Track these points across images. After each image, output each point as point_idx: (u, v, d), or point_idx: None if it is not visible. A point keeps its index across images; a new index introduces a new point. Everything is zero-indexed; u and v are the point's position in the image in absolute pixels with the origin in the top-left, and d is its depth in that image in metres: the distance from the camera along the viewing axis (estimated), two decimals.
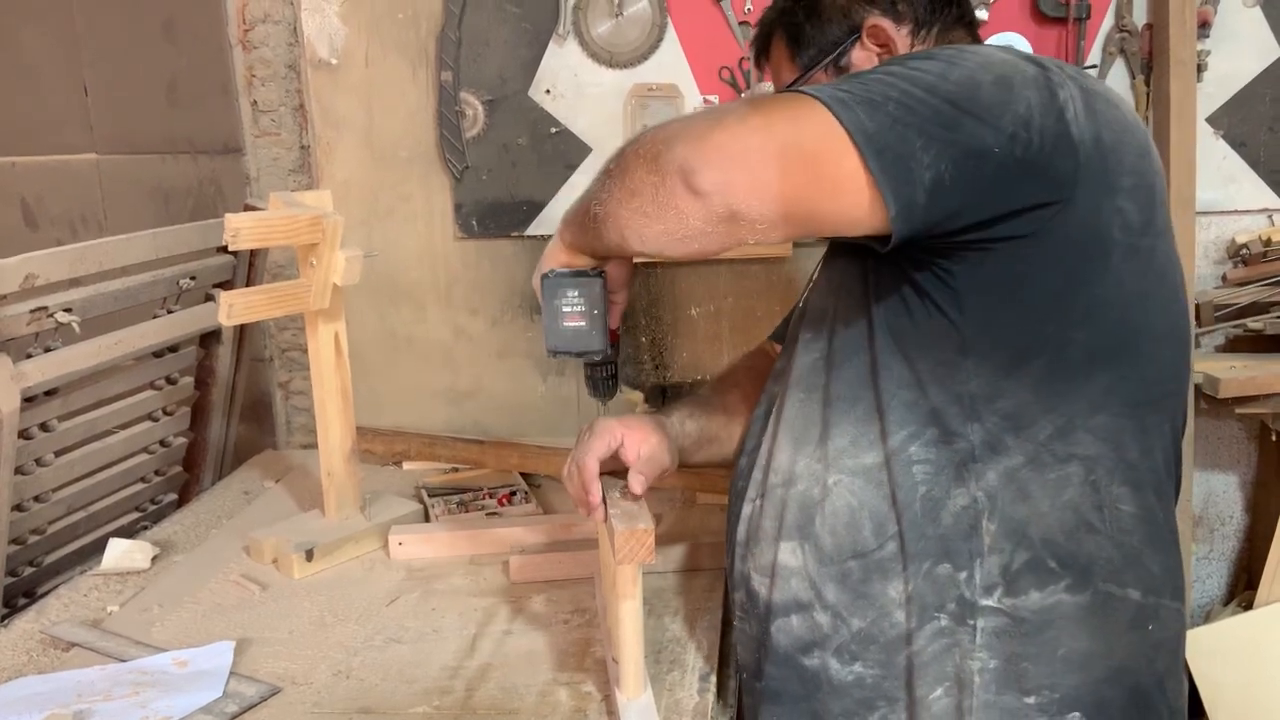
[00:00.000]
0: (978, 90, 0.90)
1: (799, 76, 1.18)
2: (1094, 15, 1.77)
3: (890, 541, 1.02)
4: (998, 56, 0.95)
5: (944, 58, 0.93)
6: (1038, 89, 0.92)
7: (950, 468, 1.00)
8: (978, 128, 0.89)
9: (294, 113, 2.00)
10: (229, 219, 1.32)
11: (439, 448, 1.88)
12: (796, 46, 1.19)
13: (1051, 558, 0.99)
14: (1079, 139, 0.92)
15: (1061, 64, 0.98)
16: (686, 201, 0.91)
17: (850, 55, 1.16)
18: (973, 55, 0.94)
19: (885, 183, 0.87)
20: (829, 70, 1.16)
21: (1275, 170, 1.83)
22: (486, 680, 1.18)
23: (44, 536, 1.59)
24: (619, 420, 1.21)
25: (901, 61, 0.96)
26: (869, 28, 1.14)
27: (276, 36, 1.98)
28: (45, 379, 1.44)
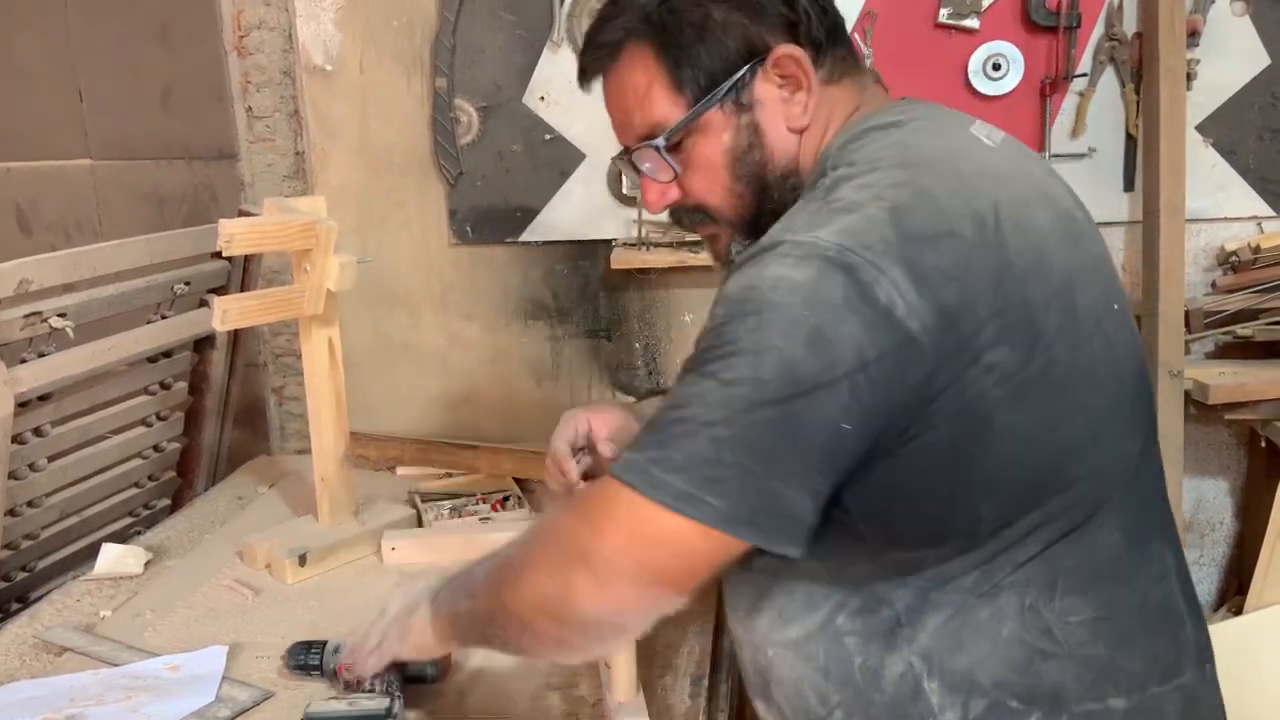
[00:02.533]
0: (796, 368, 0.80)
1: (686, 117, 0.97)
2: (1084, 24, 1.78)
3: (837, 710, 0.96)
4: (796, 303, 0.81)
5: (743, 344, 0.82)
6: (854, 313, 0.80)
7: (879, 636, 0.94)
8: (814, 405, 0.80)
9: (289, 119, 2.01)
10: (223, 224, 1.33)
11: (433, 453, 1.88)
12: (675, 67, 0.97)
13: (1011, 697, 0.91)
14: (919, 330, 0.81)
15: (866, 237, 0.83)
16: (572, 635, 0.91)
17: (752, 88, 0.97)
18: (772, 318, 0.82)
19: (775, 542, 0.83)
20: (725, 107, 0.97)
21: (1264, 178, 1.84)
22: (479, 685, 1.19)
23: (37, 541, 1.59)
24: (583, 408, 1.24)
25: (701, 370, 0.84)
26: (778, 57, 0.96)
27: (271, 43, 1.98)
28: (39, 384, 1.44)
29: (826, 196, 0.88)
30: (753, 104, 0.97)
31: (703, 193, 1.01)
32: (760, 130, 0.98)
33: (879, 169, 0.89)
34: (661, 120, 0.98)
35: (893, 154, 0.91)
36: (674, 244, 1.86)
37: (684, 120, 0.97)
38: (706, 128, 0.97)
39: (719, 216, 1.02)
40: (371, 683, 1.11)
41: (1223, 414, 1.80)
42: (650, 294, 1.98)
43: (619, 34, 0.99)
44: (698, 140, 0.98)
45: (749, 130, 0.98)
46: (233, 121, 2.02)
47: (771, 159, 0.99)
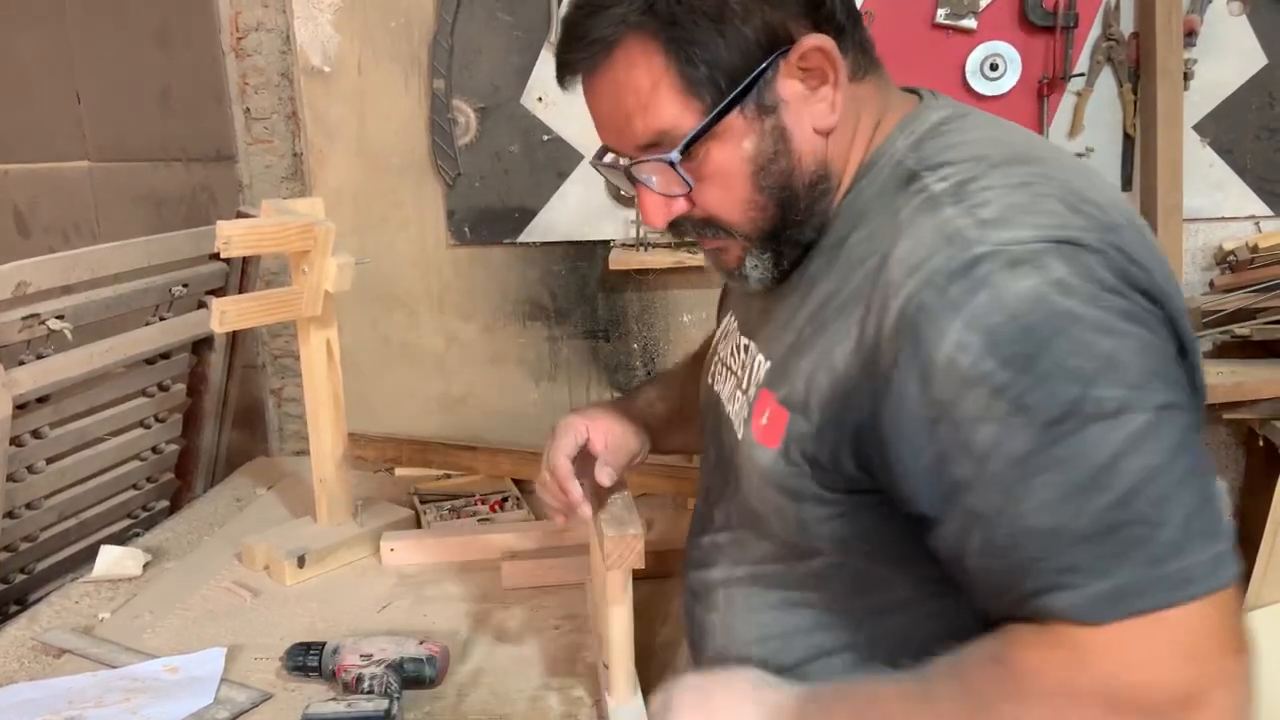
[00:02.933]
0: (1148, 353, 0.71)
1: (706, 122, 0.83)
2: (1081, 24, 1.79)
3: None
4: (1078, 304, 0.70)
5: (1080, 366, 0.69)
6: (1129, 286, 0.73)
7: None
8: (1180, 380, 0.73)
9: (287, 120, 2.01)
10: (221, 226, 1.33)
11: (431, 454, 1.88)
12: (688, 65, 0.82)
13: None
14: (1160, 297, 0.76)
15: (1067, 224, 0.74)
16: None
17: (775, 85, 0.84)
18: (1078, 329, 0.69)
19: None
20: (746, 110, 0.84)
21: (1262, 177, 1.85)
22: (477, 685, 1.19)
23: (36, 543, 1.59)
24: (580, 414, 1.16)
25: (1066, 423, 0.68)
26: (805, 49, 0.83)
27: (269, 44, 1.98)
28: (37, 386, 1.44)
29: (959, 201, 0.77)
30: (777, 104, 0.85)
31: (717, 206, 0.89)
32: (786, 134, 0.86)
33: (997, 165, 0.80)
34: (671, 127, 0.85)
35: (997, 150, 0.83)
36: (672, 245, 1.86)
37: (701, 128, 0.84)
38: (725, 134, 0.85)
39: (734, 230, 0.90)
40: (370, 684, 1.11)
41: (1221, 413, 1.80)
42: (648, 295, 1.98)
43: (615, 28, 0.84)
44: (713, 148, 0.85)
45: (774, 135, 0.85)
46: (231, 123, 2.02)
47: (799, 165, 0.87)
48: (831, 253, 0.89)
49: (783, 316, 0.93)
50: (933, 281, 0.74)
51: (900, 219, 0.81)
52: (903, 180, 0.84)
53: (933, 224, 0.77)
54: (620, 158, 0.92)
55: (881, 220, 0.84)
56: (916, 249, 0.77)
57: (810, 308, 0.88)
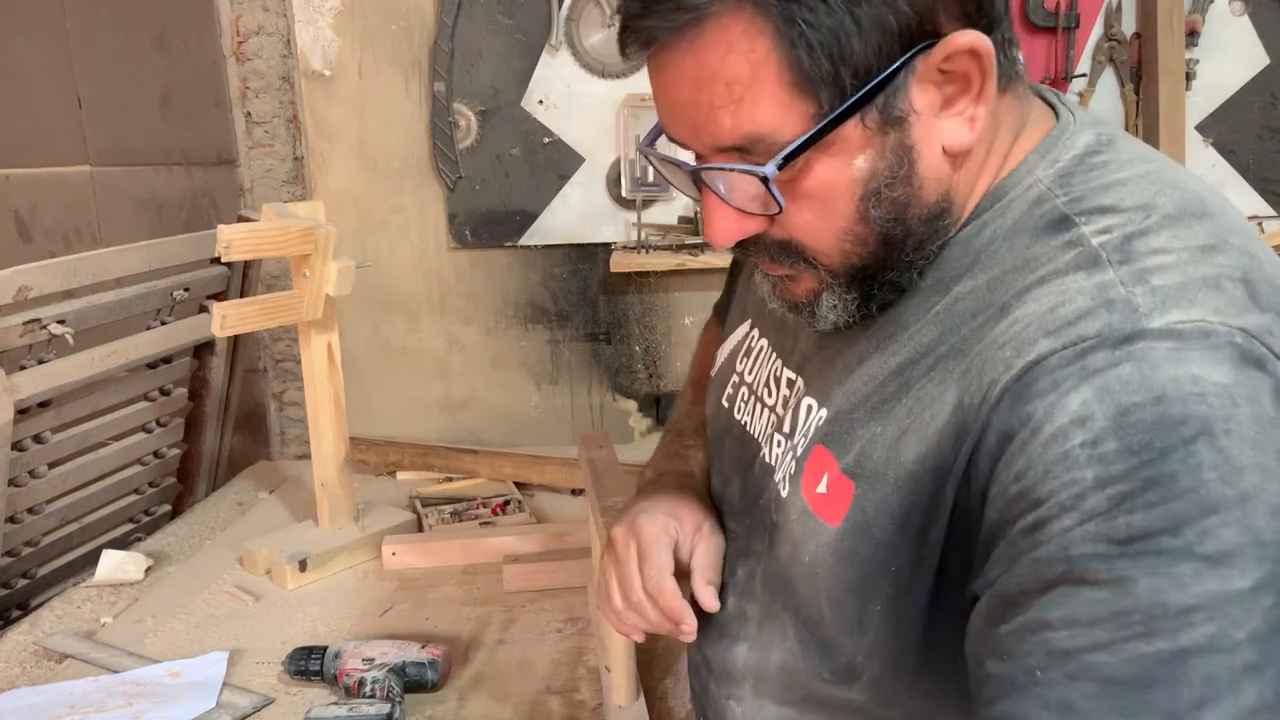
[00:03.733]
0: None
1: (819, 128, 0.65)
2: (1083, 24, 1.78)
3: None
4: (1244, 417, 0.57)
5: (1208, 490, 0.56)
6: None
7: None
8: None
9: (287, 124, 2.01)
10: (222, 230, 1.33)
11: (433, 457, 1.88)
12: (807, 55, 0.63)
13: None
14: None
15: (1248, 318, 0.61)
16: None
17: (909, 92, 0.66)
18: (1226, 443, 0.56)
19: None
20: (868, 118, 0.65)
21: (1264, 177, 1.84)
22: (479, 689, 1.18)
23: (37, 548, 1.59)
24: (662, 511, 0.92)
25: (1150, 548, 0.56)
26: (957, 49, 0.65)
27: (270, 48, 1.98)
28: (39, 391, 1.45)
29: (1127, 262, 0.63)
30: (906, 115, 0.66)
31: (807, 232, 0.70)
32: (912, 154, 0.67)
33: (1170, 219, 0.66)
34: (768, 132, 0.65)
35: (1166, 198, 0.68)
36: (673, 247, 1.86)
37: (810, 136, 0.65)
38: (835, 147, 0.66)
39: (819, 262, 0.72)
40: (372, 688, 1.11)
41: None
42: (650, 297, 1.98)
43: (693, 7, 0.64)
44: (817, 163, 0.67)
45: (896, 153, 0.67)
46: (231, 127, 2.02)
47: (919, 195, 0.69)
48: (931, 296, 0.72)
49: (851, 360, 0.77)
50: (1073, 344, 0.60)
51: (1040, 272, 0.66)
52: (1048, 225, 0.68)
53: (1091, 284, 0.63)
54: (683, 151, 0.73)
55: (1009, 266, 0.68)
56: (1062, 309, 0.63)
57: (896, 360, 0.72)
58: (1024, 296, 0.65)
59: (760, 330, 0.94)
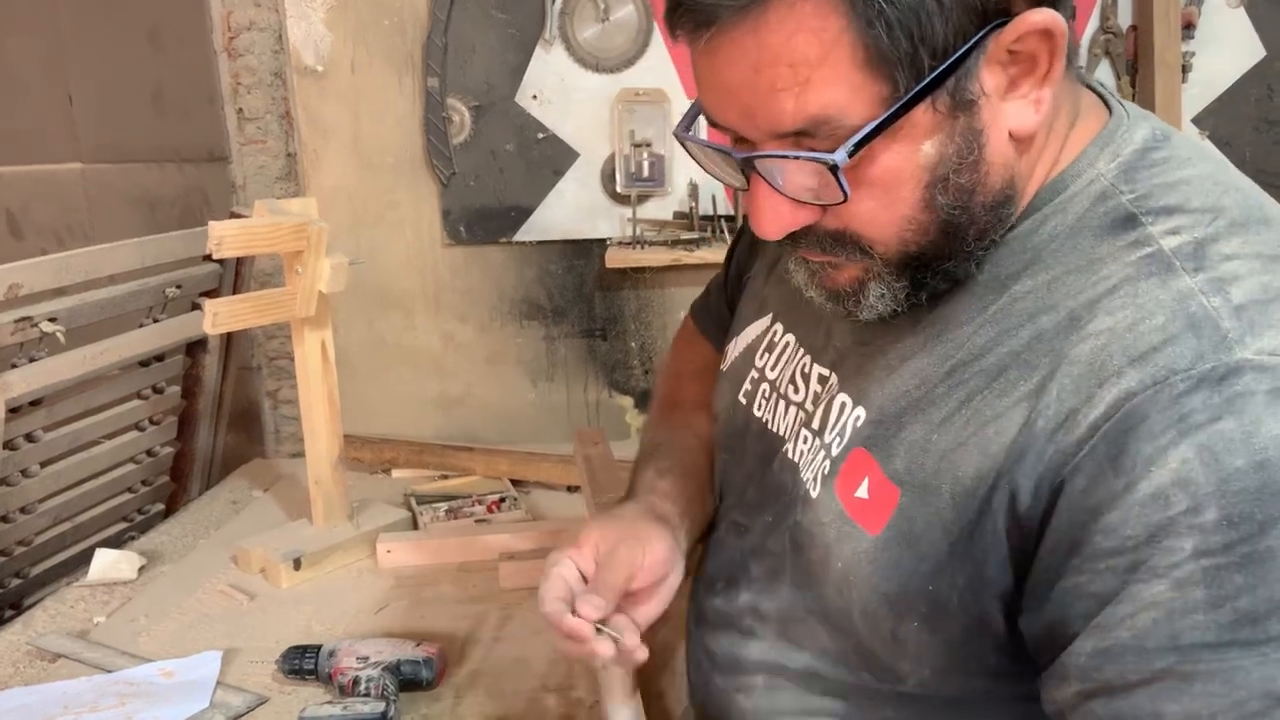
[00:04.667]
0: None
1: (892, 111, 0.62)
2: (1079, 17, 1.78)
3: None
4: None
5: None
6: None
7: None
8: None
9: (280, 120, 2.00)
10: (213, 227, 1.32)
11: (428, 455, 1.87)
12: (884, 34, 0.59)
13: None
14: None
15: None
16: None
17: (979, 74, 0.63)
18: None
19: None
20: (940, 104, 0.63)
21: (1261, 170, 1.84)
22: (475, 687, 1.18)
23: (30, 548, 1.58)
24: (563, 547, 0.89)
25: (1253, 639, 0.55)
26: (1029, 29, 0.62)
27: (262, 44, 1.97)
28: (30, 389, 1.44)
29: (1201, 270, 0.62)
30: (976, 98, 0.63)
31: (866, 222, 0.67)
32: (982, 139, 0.65)
33: (1240, 225, 0.64)
34: (835, 115, 0.62)
35: (1233, 201, 0.66)
36: (668, 242, 1.86)
37: (885, 119, 0.62)
38: (905, 131, 0.63)
39: (875, 251, 0.69)
40: (367, 686, 1.10)
41: None
42: (645, 293, 1.98)
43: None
44: (883, 149, 0.64)
45: (965, 137, 0.64)
46: (223, 123, 2.01)
47: (985, 181, 0.66)
48: (985, 294, 0.69)
49: (894, 358, 0.73)
50: (1168, 384, 0.58)
51: (1107, 273, 0.64)
52: (1114, 223, 0.66)
53: (1169, 296, 0.61)
54: (731, 137, 0.69)
55: (1072, 267, 0.66)
56: (1141, 326, 0.61)
57: (949, 361, 0.70)
58: (1095, 308, 0.63)
59: (785, 325, 0.90)
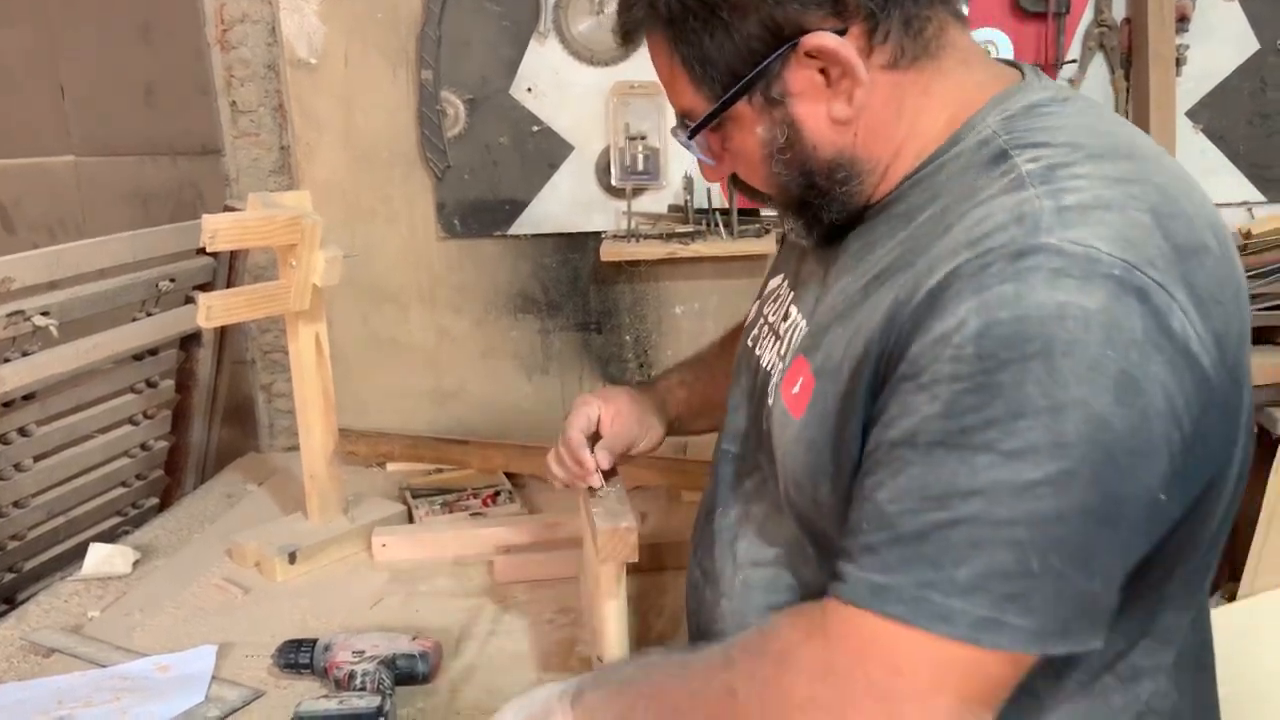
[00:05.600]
0: (1107, 428, 0.66)
1: (710, 113, 0.86)
2: (1073, 10, 1.78)
3: None
4: (1095, 341, 0.66)
5: (1030, 400, 0.66)
6: (1157, 350, 0.67)
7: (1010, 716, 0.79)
8: (1132, 477, 0.67)
9: (273, 113, 1.99)
10: (206, 220, 1.31)
11: (423, 449, 1.87)
12: (691, 62, 0.85)
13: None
14: (1210, 366, 0.70)
15: (1146, 250, 0.69)
16: None
17: (784, 78, 0.82)
18: (1065, 363, 0.65)
19: (1082, 645, 0.69)
20: (754, 100, 0.84)
21: (1255, 164, 1.84)
22: (471, 681, 1.18)
23: (24, 542, 1.58)
24: (596, 393, 1.23)
25: (968, 443, 0.67)
26: (810, 48, 0.80)
27: (255, 36, 1.96)
28: (23, 383, 1.43)
29: (1045, 183, 0.73)
30: (785, 96, 0.83)
31: (745, 177, 0.93)
32: (796, 124, 0.84)
33: (1095, 156, 0.75)
34: (690, 109, 0.88)
35: (1097, 141, 0.78)
36: (663, 236, 1.85)
37: (707, 117, 0.86)
38: (738, 120, 0.86)
39: (768, 197, 0.94)
40: (362, 680, 1.10)
41: None
42: (640, 286, 1.97)
43: (635, 19, 0.87)
44: (732, 130, 0.88)
45: (783, 124, 0.85)
46: (216, 117, 2.00)
47: (814, 154, 0.86)
48: (898, 223, 0.85)
49: (833, 282, 0.90)
50: (981, 255, 0.71)
51: (980, 197, 0.77)
52: (990, 159, 0.79)
53: (1011, 202, 0.73)
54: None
55: (959, 196, 0.79)
56: (984, 223, 0.73)
57: (865, 276, 0.85)
58: (964, 217, 0.76)
59: (786, 278, 1.06)
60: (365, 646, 1.16)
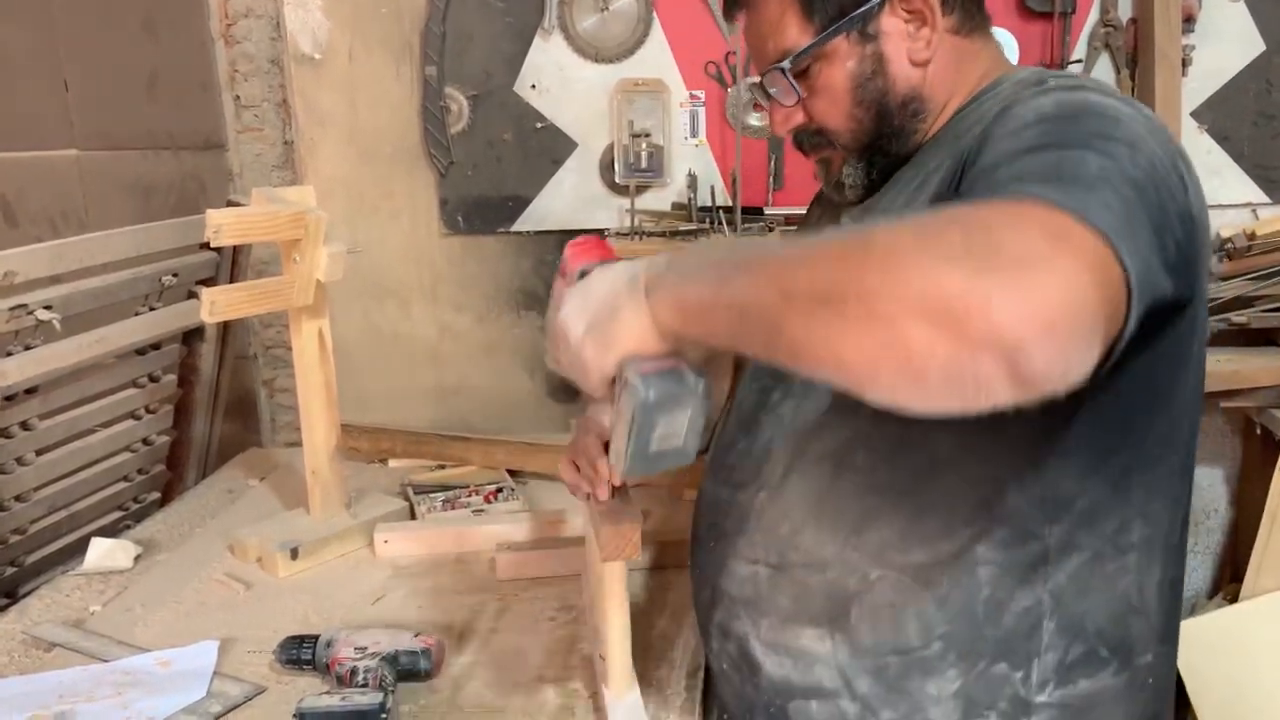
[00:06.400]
0: (1156, 167, 0.78)
1: (813, 43, 1.02)
2: (1079, 10, 1.78)
3: (937, 641, 0.94)
4: (1138, 117, 0.83)
5: (1112, 129, 0.79)
6: (1177, 155, 0.83)
7: (1019, 569, 0.92)
8: (1176, 201, 0.78)
9: (277, 108, 1.99)
10: (210, 215, 1.31)
11: (425, 445, 1.87)
12: (817, 6, 1.02)
13: (1103, 646, 0.94)
14: (1198, 217, 0.83)
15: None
16: (1004, 389, 0.63)
17: (879, 19, 1.01)
18: (1126, 116, 0.82)
19: (1134, 310, 0.69)
20: (851, 36, 1.01)
21: (1260, 164, 1.84)
22: (473, 678, 1.18)
23: (25, 536, 1.58)
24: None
25: (1069, 143, 0.78)
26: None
27: (259, 31, 1.96)
28: (25, 377, 1.43)
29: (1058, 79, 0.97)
30: (878, 34, 1.02)
31: (825, 116, 1.06)
32: (884, 59, 1.02)
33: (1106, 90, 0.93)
34: (792, 46, 1.03)
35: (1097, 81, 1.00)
36: (667, 233, 1.85)
37: (811, 45, 1.02)
38: (832, 55, 1.02)
39: (837, 140, 1.06)
40: (364, 677, 1.10)
41: (1218, 401, 1.80)
42: None
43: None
44: (823, 67, 1.03)
45: (873, 59, 1.02)
46: (220, 111, 2.00)
47: (893, 87, 1.03)
48: (947, 143, 1.02)
49: (888, 205, 1.05)
50: (1014, 94, 0.93)
51: (1019, 98, 0.93)
52: (1028, 83, 0.98)
53: (1033, 79, 0.97)
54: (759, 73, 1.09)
55: (1000, 104, 0.95)
56: (1011, 96, 0.94)
57: (919, 179, 1.02)
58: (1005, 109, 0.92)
59: None
60: (367, 643, 1.16)
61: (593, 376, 0.84)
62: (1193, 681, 1.77)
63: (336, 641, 1.16)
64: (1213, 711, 1.77)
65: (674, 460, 0.85)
